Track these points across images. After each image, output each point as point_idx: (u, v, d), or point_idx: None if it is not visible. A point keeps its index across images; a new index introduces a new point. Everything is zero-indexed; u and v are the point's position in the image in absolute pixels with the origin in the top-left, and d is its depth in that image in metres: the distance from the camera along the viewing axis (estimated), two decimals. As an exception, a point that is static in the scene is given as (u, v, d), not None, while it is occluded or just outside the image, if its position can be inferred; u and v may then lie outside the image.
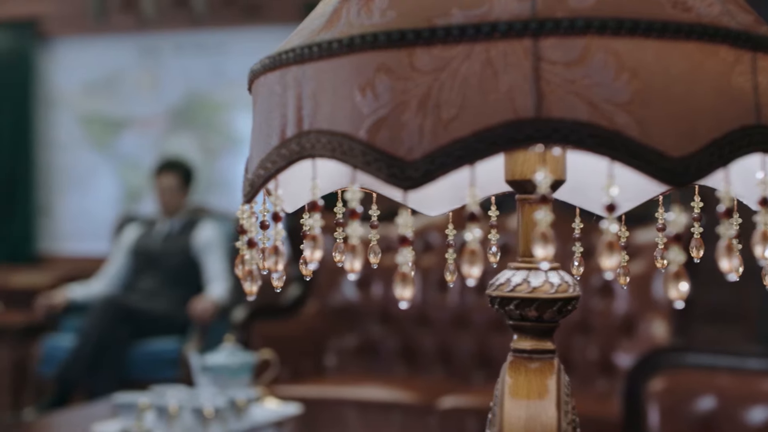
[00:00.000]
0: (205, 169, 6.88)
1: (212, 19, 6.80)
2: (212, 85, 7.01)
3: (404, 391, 3.81)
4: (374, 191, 0.87)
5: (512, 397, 0.79)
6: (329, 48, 0.67)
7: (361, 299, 4.38)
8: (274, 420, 2.80)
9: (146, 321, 4.75)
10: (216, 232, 5.08)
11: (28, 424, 3.78)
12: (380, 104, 0.64)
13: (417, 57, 0.64)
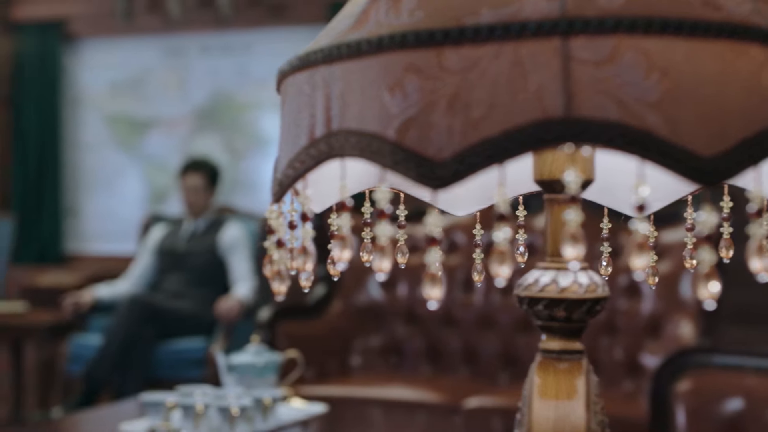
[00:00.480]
0: (230, 169, 6.90)
1: (238, 19, 6.82)
2: (238, 85, 7.03)
3: (429, 391, 3.80)
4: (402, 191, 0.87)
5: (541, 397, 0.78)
6: (358, 48, 0.67)
7: (387, 299, 4.38)
8: (299, 419, 2.80)
9: (172, 320, 4.77)
10: (241, 232, 5.10)
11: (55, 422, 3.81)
12: (409, 104, 0.64)
13: (446, 57, 0.64)
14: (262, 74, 6.95)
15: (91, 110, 7.40)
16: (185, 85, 7.15)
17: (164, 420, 2.48)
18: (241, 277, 4.98)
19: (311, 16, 6.75)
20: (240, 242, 5.04)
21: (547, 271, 0.84)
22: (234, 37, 7.02)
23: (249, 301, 4.91)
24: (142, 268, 5.21)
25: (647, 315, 3.89)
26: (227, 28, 6.94)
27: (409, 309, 4.35)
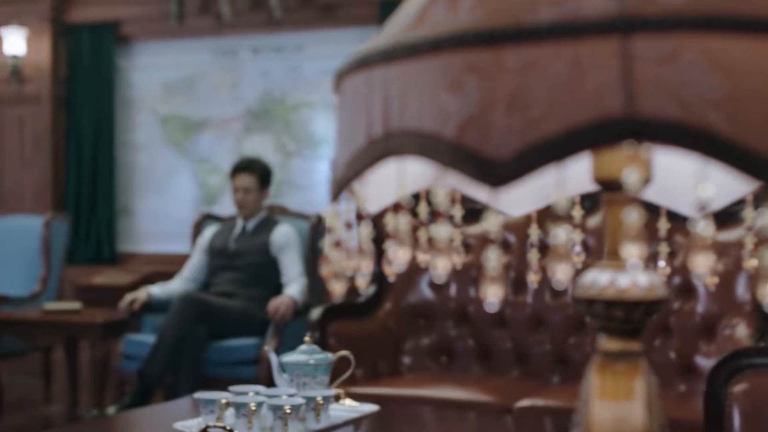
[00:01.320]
0: (281, 169, 6.93)
1: (288, 20, 6.85)
2: (289, 86, 7.06)
3: (480, 391, 3.78)
4: (458, 191, 0.87)
5: (600, 398, 0.78)
6: (416, 48, 0.67)
7: (438, 299, 4.36)
8: (351, 419, 2.80)
9: (224, 320, 4.80)
10: (292, 232, 5.11)
11: (110, 420, 3.85)
12: (468, 103, 0.64)
13: (505, 56, 0.64)
14: (313, 75, 6.98)
15: (144, 111, 7.48)
16: (237, 86, 7.20)
17: (217, 419, 2.50)
18: (292, 277, 5.00)
19: (362, 17, 6.76)
20: (291, 242, 5.06)
21: (605, 271, 0.83)
22: (285, 38, 7.05)
23: (300, 301, 4.93)
24: (195, 268, 5.25)
25: (702, 316, 3.84)
26: (278, 29, 6.98)
27: (460, 309, 4.33)
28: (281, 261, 5.05)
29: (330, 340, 4.09)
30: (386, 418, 3.11)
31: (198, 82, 7.31)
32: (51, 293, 5.90)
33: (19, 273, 5.98)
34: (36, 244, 5.96)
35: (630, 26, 0.64)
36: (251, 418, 2.44)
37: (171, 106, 7.39)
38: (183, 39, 7.29)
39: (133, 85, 7.52)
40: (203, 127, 7.30)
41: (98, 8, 7.35)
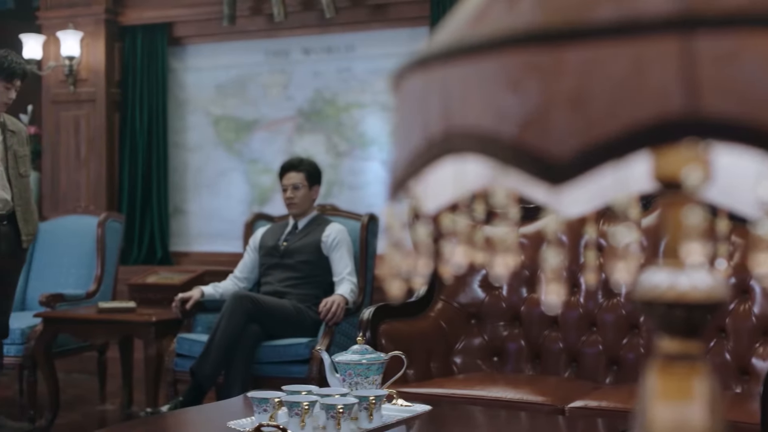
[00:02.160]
0: (332, 169, 6.95)
1: (339, 21, 6.86)
2: (340, 86, 7.08)
3: (532, 392, 3.77)
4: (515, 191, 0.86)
5: (659, 400, 0.77)
6: (476, 48, 0.67)
7: (489, 299, 4.35)
8: (403, 418, 2.81)
9: (276, 319, 4.82)
10: (344, 232, 5.13)
11: (164, 419, 3.88)
12: (529, 103, 0.64)
13: (566, 55, 0.63)
14: (364, 75, 6.99)
15: (197, 112, 7.54)
16: (288, 86, 7.24)
17: (270, 417, 2.51)
18: (343, 276, 5.01)
19: (413, 16, 6.76)
20: (342, 240, 5.08)
21: (665, 272, 0.83)
22: (336, 39, 7.07)
23: (351, 300, 4.95)
24: (247, 268, 5.29)
25: (758, 317, 3.80)
26: (329, 29, 7.00)
27: (511, 309, 4.32)
28: (332, 259, 5.06)
29: (381, 340, 4.09)
30: (438, 417, 3.11)
31: (250, 82, 7.35)
32: (106, 292, 5.97)
33: (74, 272, 6.06)
34: (91, 244, 6.03)
35: (692, 24, 0.63)
36: (304, 417, 2.45)
37: (223, 107, 7.45)
38: (235, 40, 7.34)
39: (185, 87, 7.59)
40: (255, 128, 7.35)
41: (151, 10, 7.43)
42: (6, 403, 5.79)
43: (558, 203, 0.80)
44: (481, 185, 0.80)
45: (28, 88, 6.44)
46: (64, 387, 5.62)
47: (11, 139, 5.09)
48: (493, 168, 0.68)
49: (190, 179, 7.56)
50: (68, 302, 5.65)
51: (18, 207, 5.06)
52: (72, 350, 5.72)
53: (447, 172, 0.75)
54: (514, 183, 0.72)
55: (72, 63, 7.35)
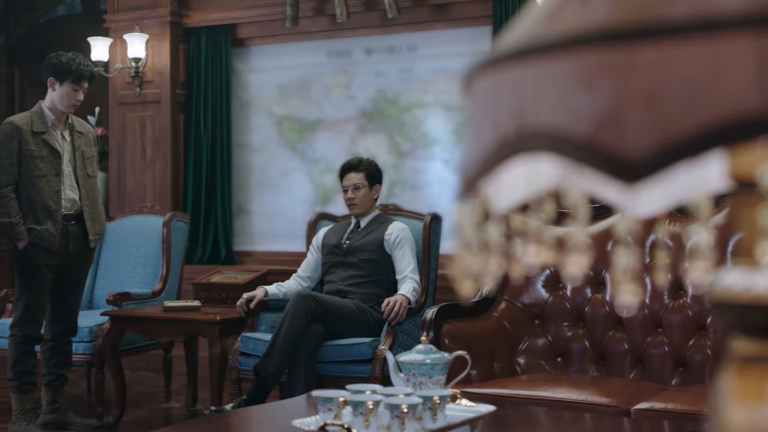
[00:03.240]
0: (395, 169, 6.96)
1: (402, 20, 6.86)
2: (402, 86, 7.08)
3: (597, 393, 3.74)
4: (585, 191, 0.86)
5: (734, 402, 0.76)
6: (548, 46, 0.66)
7: (553, 299, 4.33)
8: (467, 419, 2.80)
9: (338, 318, 4.84)
10: (406, 231, 5.13)
11: (228, 417, 3.92)
12: (603, 102, 0.64)
13: (640, 53, 0.63)
14: (426, 75, 6.99)
15: (260, 113, 7.60)
16: (350, 86, 7.26)
17: (335, 417, 2.52)
18: (406, 275, 5.01)
19: (476, 16, 6.74)
20: (405, 240, 5.08)
21: (739, 272, 0.82)
22: (398, 39, 7.07)
23: (413, 300, 4.95)
24: (310, 267, 5.31)
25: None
26: (391, 29, 7.00)
27: (575, 309, 4.29)
28: (395, 257, 5.07)
29: (444, 340, 4.09)
30: (502, 418, 3.10)
31: (312, 83, 7.39)
32: (171, 291, 6.04)
33: (140, 271, 6.14)
34: (157, 244, 6.11)
35: None
36: (368, 417, 2.46)
37: (286, 108, 7.49)
38: (298, 41, 7.38)
39: (249, 87, 7.65)
40: (317, 128, 7.38)
41: (216, 12, 7.50)
42: (75, 400, 5.88)
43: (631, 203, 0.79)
44: (552, 184, 0.79)
45: (96, 90, 6.54)
46: (130, 384, 5.70)
47: (79, 140, 5.17)
48: (566, 167, 0.68)
49: (254, 179, 7.62)
50: (134, 301, 5.72)
51: (86, 207, 5.14)
52: (138, 348, 5.80)
53: (518, 172, 0.75)
54: (587, 182, 0.71)
55: (138, 65, 7.45)
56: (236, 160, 7.61)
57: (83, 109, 5.90)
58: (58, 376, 5.25)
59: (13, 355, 5.09)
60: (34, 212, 4.96)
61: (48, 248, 4.98)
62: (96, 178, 5.31)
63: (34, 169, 4.96)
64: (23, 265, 5.03)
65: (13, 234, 4.95)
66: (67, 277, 5.15)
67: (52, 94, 5.07)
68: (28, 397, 5.12)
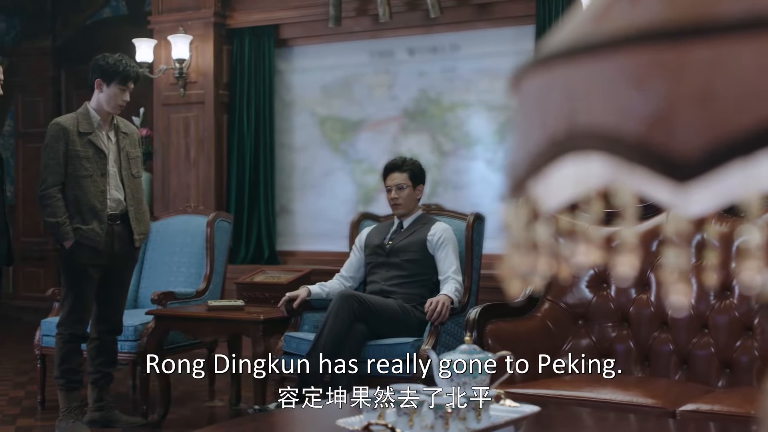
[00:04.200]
0: (437, 169, 6.95)
1: (444, 20, 6.85)
2: (444, 86, 7.07)
3: (642, 394, 3.71)
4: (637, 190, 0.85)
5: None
6: (599, 45, 0.66)
7: (597, 299, 4.30)
8: (511, 419, 2.79)
9: (381, 318, 4.84)
10: (449, 231, 5.12)
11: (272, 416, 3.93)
12: (654, 100, 0.63)
13: (692, 52, 0.62)
14: (469, 74, 6.97)
15: (303, 113, 7.62)
16: (393, 86, 7.26)
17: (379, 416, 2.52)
18: (448, 275, 5.01)
19: (519, 15, 6.71)
20: (448, 240, 5.07)
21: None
22: (441, 38, 7.07)
23: (456, 300, 4.94)
24: (353, 267, 5.32)
25: None
26: (434, 29, 7.00)
27: (619, 310, 4.26)
28: (438, 258, 5.06)
29: (487, 340, 4.08)
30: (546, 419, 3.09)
31: (355, 83, 7.40)
32: (215, 291, 6.08)
33: (185, 271, 6.18)
34: (201, 243, 6.15)
35: (823, 18, 0.62)
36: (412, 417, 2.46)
37: (329, 108, 7.51)
38: (340, 41, 7.40)
39: (291, 88, 7.67)
40: (360, 128, 7.39)
41: (259, 13, 7.53)
42: (120, 398, 5.94)
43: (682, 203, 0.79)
44: (602, 184, 0.79)
45: (140, 91, 6.60)
46: (174, 383, 5.74)
47: (124, 141, 5.22)
48: (616, 167, 0.67)
49: (297, 179, 7.65)
50: (179, 300, 5.76)
51: (130, 207, 5.19)
52: (182, 347, 5.84)
53: (567, 171, 0.74)
54: (638, 182, 0.71)
55: (182, 66, 7.50)
56: (279, 160, 7.64)
57: (128, 110, 5.96)
58: (103, 375, 5.30)
59: (60, 354, 5.15)
60: (80, 212, 5.02)
61: (94, 248, 5.03)
62: (141, 178, 5.36)
63: (80, 169, 5.01)
64: (69, 264, 5.09)
65: (59, 234, 5.01)
66: (112, 276, 5.19)
67: (98, 95, 5.12)
68: (74, 394, 5.17)
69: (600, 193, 0.82)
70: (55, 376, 5.19)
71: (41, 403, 5.86)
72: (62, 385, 5.15)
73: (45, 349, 5.74)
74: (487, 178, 6.87)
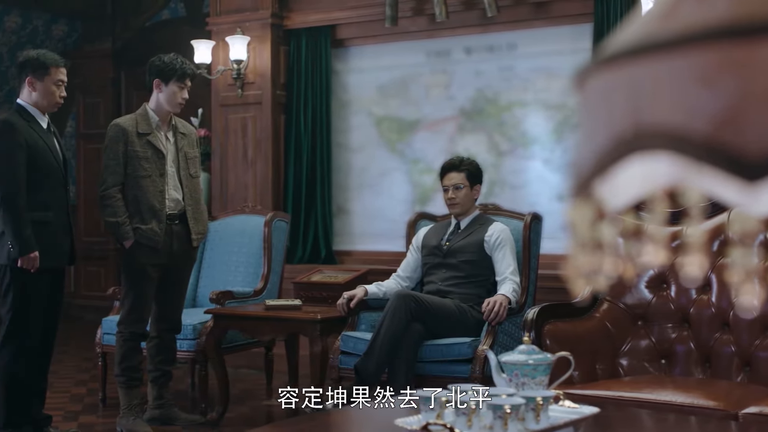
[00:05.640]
0: (494, 168, 6.92)
1: (501, 19, 6.82)
2: (501, 85, 7.04)
3: (703, 396, 3.67)
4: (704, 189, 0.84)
5: None
6: (666, 43, 0.65)
7: (657, 300, 4.26)
8: (570, 420, 2.78)
9: (438, 318, 4.84)
10: (507, 231, 5.10)
11: (330, 416, 3.95)
12: (723, 99, 0.62)
13: (763, 49, 0.62)
14: (526, 73, 6.94)
15: (359, 113, 7.63)
16: (450, 86, 7.25)
17: (437, 416, 2.52)
18: (506, 276, 4.98)
19: (576, 13, 6.66)
20: (505, 241, 5.05)
21: None
22: (497, 38, 7.04)
23: (513, 300, 4.92)
24: (409, 267, 5.32)
25: None
26: (491, 28, 6.97)
27: (680, 311, 4.22)
28: (495, 259, 5.04)
29: (545, 340, 4.06)
30: (606, 420, 3.07)
31: (411, 83, 7.40)
32: (272, 290, 6.11)
33: (242, 270, 6.23)
34: (258, 243, 6.19)
35: None
36: (471, 417, 2.45)
37: (385, 108, 7.51)
38: (397, 41, 7.40)
39: (348, 88, 7.69)
40: (417, 128, 7.38)
41: (316, 14, 7.56)
42: (179, 396, 6.00)
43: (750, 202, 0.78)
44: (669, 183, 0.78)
45: (198, 92, 6.66)
46: (232, 381, 5.78)
47: (182, 142, 5.27)
48: (684, 166, 0.67)
49: (353, 179, 7.66)
50: (237, 299, 5.80)
51: (189, 207, 5.24)
52: (240, 346, 5.88)
53: (633, 170, 0.74)
54: (705, 181, 0.70)
55: (240, 67, 7.55)
56: (336, 160, 7.66)
57: (186, 111, 6.02)
58: (163, 373, 5.36)
59: (120, 352, 5.21)
60: (139, 212, 5.08)
61: (153, 247, 5.09)
62: (199, 178, 5.41)
63: (140, 169, 5.07)
64: (129, 264, 5.15)
65: (119, 233, 5.07)
66: (171, 275, 5.25)
67: (158, 95, 5.18)
68: (134, 392, 5.23)
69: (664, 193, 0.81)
70: (116, 374, 5.26)
71: (102, 400, 5.94)
72: (123, 383, 5.22)
73: (106, 347, 5.81)
74: (544, 177, 6.83)
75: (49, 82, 4.81)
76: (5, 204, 4.65)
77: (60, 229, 4.87)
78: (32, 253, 4.64)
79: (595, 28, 6.37)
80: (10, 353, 4.76)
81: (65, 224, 4.92)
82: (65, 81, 4.90)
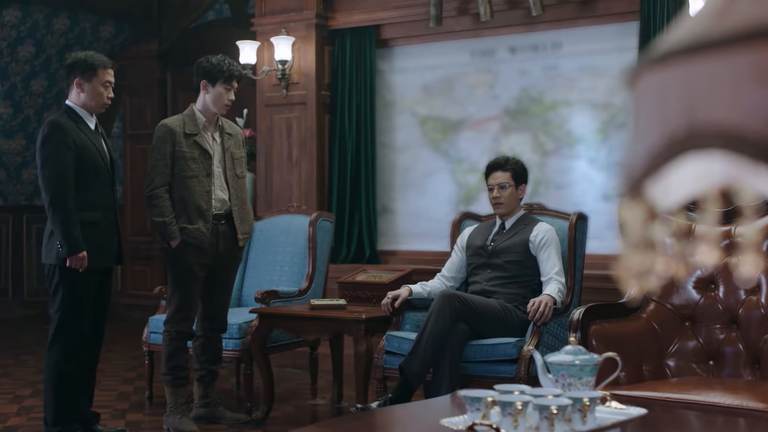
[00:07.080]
0: (539, 168, 6.89)
1: (546, 18, 6.79)
2: (546, 84, 7.01)
3: (752, 398, 3.62)
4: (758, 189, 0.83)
5: None
6: (721, 41, 0.65)
7: (705, 301, 4.21)
8: (618, 421, 2.76)
9: (483, 318, 4.83)
10: (552, 231, 5.08)
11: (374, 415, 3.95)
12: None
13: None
14: (571, 72, 6.90)
15: (404, 113, 7.63)
16: (494, 85, 7.22)
17: (483, 417, 2.52)
18: (551, 276, 4.96)
19: (622, 12, 6.62)
20: (550, 241, 5.02)
21: None
22: (542, 36, 7.01)
23: (559, 300, 4.89)
24: (454, 267, 5.31)
25: None
26: (535, 27, 6.94)
27: (728, 312, 4.17)
28: (540, 259, 5.02)
29: (591, 341, 4.03)
30: (653, 421, 3.04)
31: (456, 82, 7.39)
32: (317, 290, 6.12)
33: (287, 270, 6.25)
34: (303, 243, 6.21)
35: None
36: (517, 417, 2.45)
37: (429, 107, 7.51)
38: (441, 41, 7.39)
39: (392, 88, 7.69)
40: (461, 128, 7.37)
41: (360, 14, 7.57)
42: (225, 395, 6.04)
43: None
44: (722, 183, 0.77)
45: (244, 93, 6.70)
46: (277, 381, 5.81)
47: (228, 142, 5.30)
48: (739, 165, 0.66)
49: (398, 179, 7.66)
50: (282, 299, 5.82)
51: (234, 207, 5.27)
52: (285, 345, 5.90)
53: (686, 170, 0.73)
54: (760, 180, 0.69)
55: (284, 67, 7.58)
56: (380, 159, 7.67)
57: (232, 111, 6.05)
58: (209, 372, 5.40)
59: (167, 351, 5.26)
60: (186, 212, 5.11)
61: (199, 247, 5.12)
62: (245, 178, 5.44)
63: (186, 169, 5.11)
64: (176, 263, 5.19)
65: (166, 233, 5.11)
66: (217, 275, 5.28)
67: (204, 96, 5.21)
68: (181, 391, 5.27)
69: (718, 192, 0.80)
70: (163, 373, 5.30)
71: (149, 398, 5.99)
72: (169, 382, 5.26)
73: (153, 346, 5.86)
74: (589, 177, 6.79)
75: (96, 83, 4.86)
76: (54, 204, 4.71)
77: (108, 229, 4.91)
78: (81, 253, 4.69)
79: (641, 26, 6.32)
80: (59, 352, 4.81)
81: (113, 224, 4.96)
82: (113, 82, 4.95)
